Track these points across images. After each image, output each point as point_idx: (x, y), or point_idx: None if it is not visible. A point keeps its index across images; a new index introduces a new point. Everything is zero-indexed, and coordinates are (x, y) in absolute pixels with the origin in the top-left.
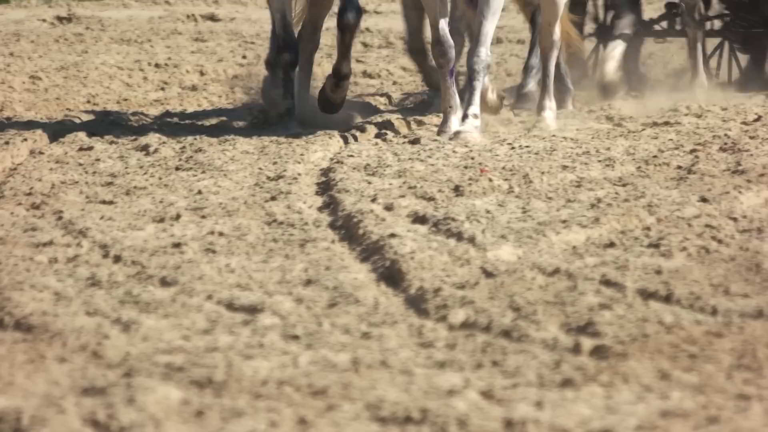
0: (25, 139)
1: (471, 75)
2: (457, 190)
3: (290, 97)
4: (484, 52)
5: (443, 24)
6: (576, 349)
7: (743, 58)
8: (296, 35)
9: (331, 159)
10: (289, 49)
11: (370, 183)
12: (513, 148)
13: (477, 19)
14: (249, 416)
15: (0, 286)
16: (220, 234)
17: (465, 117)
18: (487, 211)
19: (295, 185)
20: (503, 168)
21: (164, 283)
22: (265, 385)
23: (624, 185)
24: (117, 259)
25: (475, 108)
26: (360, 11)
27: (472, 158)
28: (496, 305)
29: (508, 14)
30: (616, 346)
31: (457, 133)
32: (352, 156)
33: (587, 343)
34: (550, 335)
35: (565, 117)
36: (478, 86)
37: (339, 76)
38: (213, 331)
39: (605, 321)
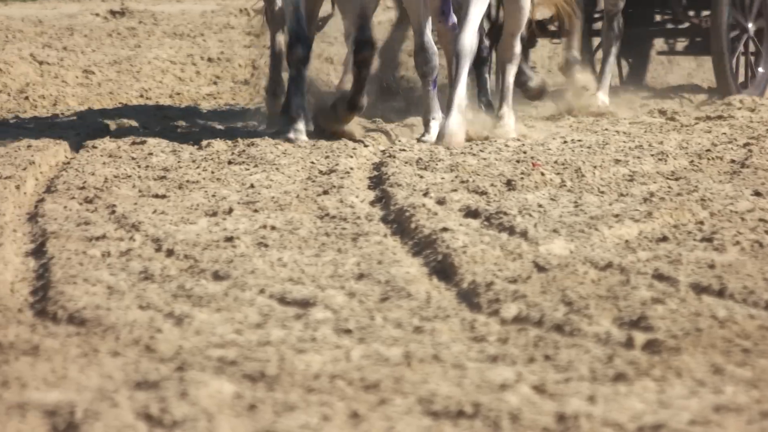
0: (78, 134)
1: (456, 62)
2: (509, 184)
3: (300, 98)
4: (469, 37)
5: (427, 30)
6: (629, 344)
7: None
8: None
9: (383, 153)
10: (300, 44)
11: (422, 177)
12: (565, 142)
13: (464, 3)
14: (301, 410)
15: (53, 280)
16: (273, 228)
17: (449, 109)
18: (540, 205)
19: (347, 179)
20: (555, 162)
21: (217, 277)
22: (317, 379)
23: (677, 179)
24: (170, 252)
25: (460, 99)
26: (374, 45)
27: (525, 152)
28: (549, 299)
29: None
30: (669, 341)
31: (440, 135)
32: (404, 150)
33: (640, 337)
34: (603, 329)
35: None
36: (463, 73)
37: (354, 108)
38: (265, 325)
39: (658, 315)
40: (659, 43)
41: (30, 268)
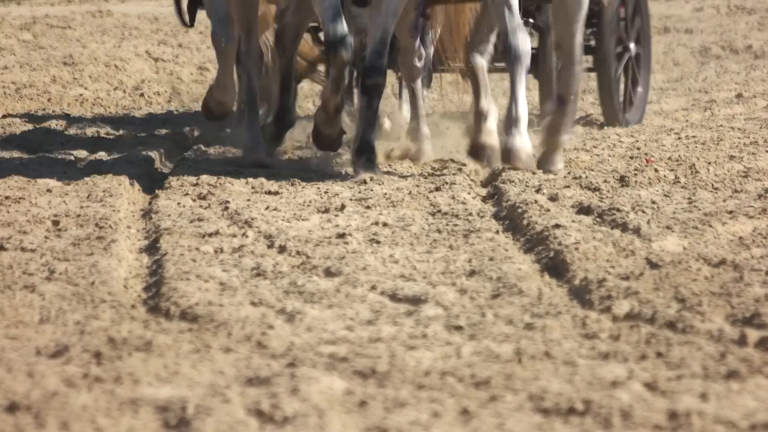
0: (193, 130)
1: (511, 69)
2: (623, 181)
3: (373, 132)
4: (522, 37)
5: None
6: (742, 341)
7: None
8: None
9: None
10: (375, 73)
11: (534, 173)
12: (679, 138)
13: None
14: (412, 406)
15: (166, 276)
16: (384, 224)
17: (512, 126)
18: (653, 202)
19: (459, 176)
20: (669, 158)
21: (328, 273)
22: (427, 375)
23: None
24: (282, 249)
25: (522, 113)
26: (352, 47)
27: (638, 148)
28: (661, 296)
29: (675, 4)
30: None
31: (505, 154)
32: None
33: (753, 334)
34: (716, 327)
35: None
36: (521, 82)
37: (329, 112)
38: (376, 321)
39: None
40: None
41: (143, 264)
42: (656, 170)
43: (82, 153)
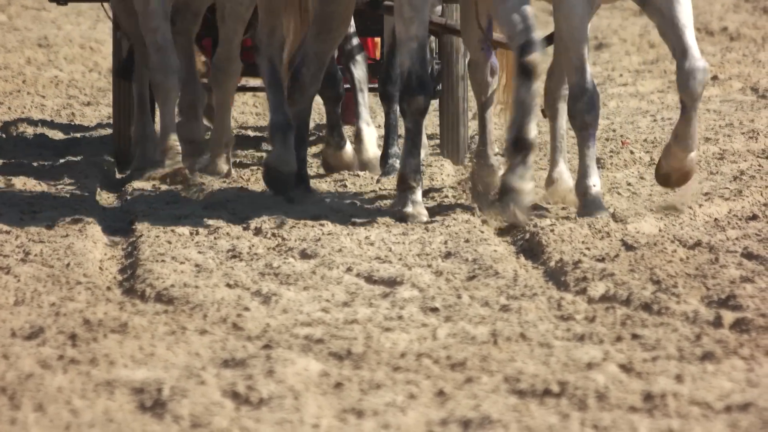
0: None
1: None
2: (598, 163)
3: (417, 159)
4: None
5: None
6: (717, 323)
7: None
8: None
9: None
10: (423, 90)
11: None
12: (655, 120)
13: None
14: (388, 388)
15: (141, 258)
16: (360, 206)
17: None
18: (628, 184)
19: (436, 163)
20: (644, 140)
21: (304, 255)
22: (403, 357)
23: (767, 158)
24: (257, 231)
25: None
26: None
27: (614, 131)
28: (636, 278)
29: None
30: (758, 319)
31: (585, 207)
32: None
33: (729, 316)
34: (691, 308)
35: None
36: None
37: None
38: (352, 303)
39: (747, 294)
40: None
41: (119, 246)
42: (632, 152)
43: (57, 134)
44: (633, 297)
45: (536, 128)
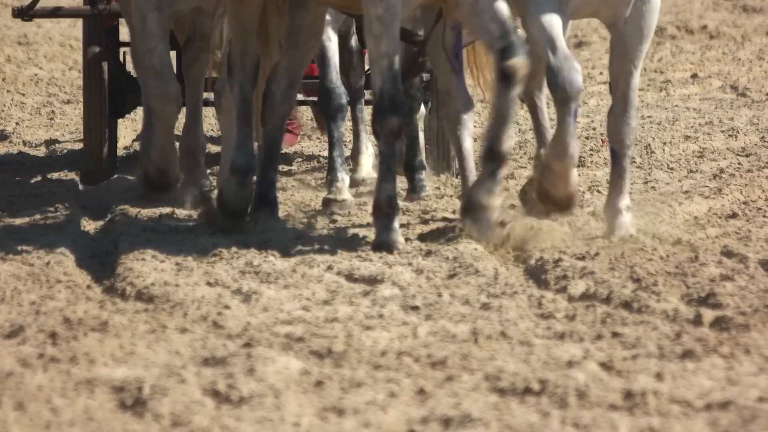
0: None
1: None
2: (578, 161)
3: (392, 184)
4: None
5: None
6: (697, 321)
7: None
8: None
9: None
10: (396, 111)
11: None
12: None
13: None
14: (368, 386)
15: (122, 257)
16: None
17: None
18: (609, 182)
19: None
20: None
21: (285, 253)
22: (384, 355)
23: (747, 155)
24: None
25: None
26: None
27: (594, 129)
28: (617, 276)
29: None
30: (737, 318)
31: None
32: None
33: (708, 314)
34: (671, 306)
35: None
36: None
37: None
38: (333, 301)
39: (727, 292)
40: None
41: (99, 244)
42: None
43: (37, 133)
44: (613, 295)
45: (512, 139)
